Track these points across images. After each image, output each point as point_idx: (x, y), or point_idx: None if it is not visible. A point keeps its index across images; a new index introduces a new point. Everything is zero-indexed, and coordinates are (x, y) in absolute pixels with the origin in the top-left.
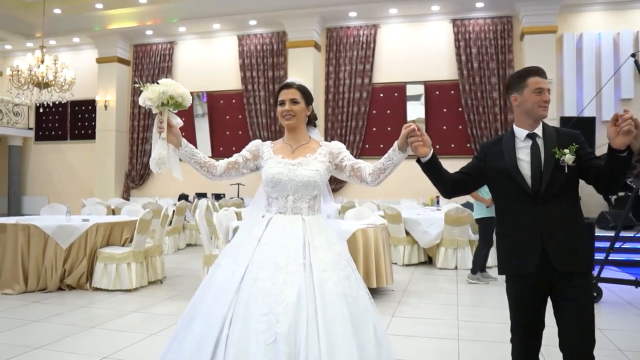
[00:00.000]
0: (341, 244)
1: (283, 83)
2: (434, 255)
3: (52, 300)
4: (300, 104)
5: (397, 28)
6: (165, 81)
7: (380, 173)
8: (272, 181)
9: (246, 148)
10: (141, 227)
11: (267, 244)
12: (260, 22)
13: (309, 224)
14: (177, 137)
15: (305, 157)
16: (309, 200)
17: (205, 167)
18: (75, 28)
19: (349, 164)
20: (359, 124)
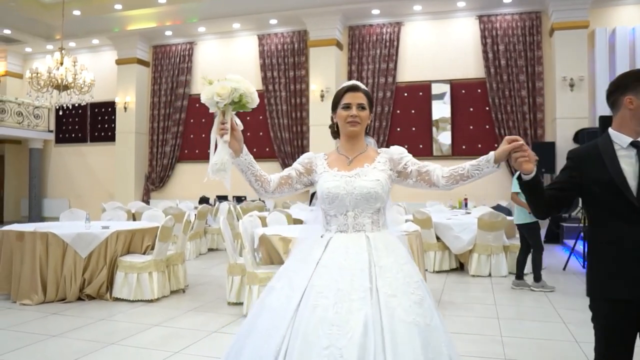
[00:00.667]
0: (412, 263)
1: (348, 85)
2: (466, 261)
3: (71, 312)
4: (366, 111)
5: (421, 25)
6: (236, 77)
7: (460, 179)
8: (328, 197)
9: (298, 161)
10: (163, 234)
11: (327, 267)
12: (281, 21)
13: (374, 242)
14: (240, 142)
15: (363, 167)
16: (371, 215)
17: (260, 181)
18: (95, 29)
19: (414, 168)
20: (382, 124)
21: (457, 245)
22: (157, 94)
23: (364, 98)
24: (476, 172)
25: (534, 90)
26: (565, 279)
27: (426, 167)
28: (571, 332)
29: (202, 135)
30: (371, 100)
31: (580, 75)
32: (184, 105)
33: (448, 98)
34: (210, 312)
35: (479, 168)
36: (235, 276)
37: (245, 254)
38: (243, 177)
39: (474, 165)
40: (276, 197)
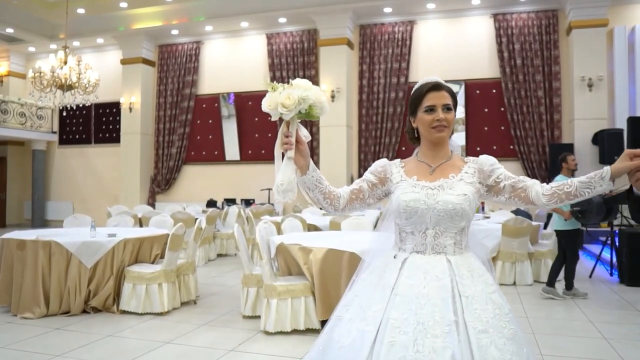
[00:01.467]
0: (499, 292)
1: (429, 83)
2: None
3: (75, 327)
4: (452, 112)
5: (434, 24)
6: (304, 84)
7: (565, 198)
8: (405, 211)
9: (370, 170)
10: (173, 243)
11: (403, 296)
12: (290, 20)
13: (457, 267)
14: (306, 157)
15: (448, 178)
16: (454, 235)
17: (329, 199)
18: (100, 28)
19: (507, 183)
20: (394, 125)
21: (480, 253)
22: (163, 95)
23: (449, 97)
24: (586, 190)
25: (550, 91)
26: (594, 287)
27: (522, 183)
28: (616, 351)
29: (209, 136)
30: (455, 98)
31: (599, 75)
32: (190, 105)
33: (462, 98)
34: (225, 326)
35: (590, 186)
36: (251, 287)
37: (262, 265)
38: (308, 195)
39: (584, 183)
40: (346, 213)
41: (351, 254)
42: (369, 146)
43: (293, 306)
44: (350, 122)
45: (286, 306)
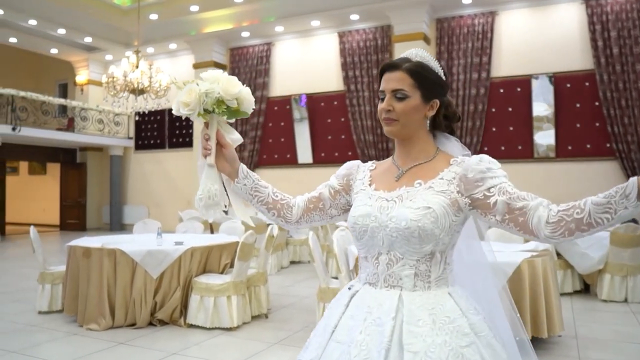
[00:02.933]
0: (489, 345)
1: (384, 62)
2: (594, 283)
3: (141, 342)
4: (410, 100)
5: (518, 14)
6: (211, 75)
7: (577, 229)
8: (354, 229)
9: (336, 173)
10: (243, 252)
11: (340, 342)
12: (363, 16)
13: (411, 309)
14: (232, 162)
15: (413, 186)
16: (416, 264)
17: (274, 210)
18: (172, 34)
19: (501, 199)
20: (475, 124)
21: (584, 264)
22: None
23: (405, 79)
24: (605, 216)
25: None
26: None
27: (523, 202)
28: None
29: (281, 139)
30: (425, 78)
31: None
32: (262, 108)
33: (551, 93)
34: (299, 345)
35: (609, 209)
36: (327, 302)
37: (341, 279)
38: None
39: (601, 206)
40: (304, 227)
41: None
42: None
43: None
44: None
45: None
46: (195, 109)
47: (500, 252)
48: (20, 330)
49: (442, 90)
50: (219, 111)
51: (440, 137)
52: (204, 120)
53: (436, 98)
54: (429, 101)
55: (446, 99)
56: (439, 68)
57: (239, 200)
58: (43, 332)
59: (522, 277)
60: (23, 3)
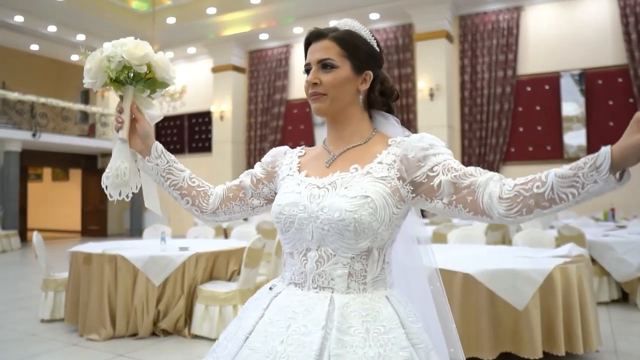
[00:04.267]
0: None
1: (308, 32)
2: (634, 291)
3: (141, 354)
4: (339, 70)
5: (545, 9)
6: (118, 41)
7: (536, 205)
8: (279, 220)
9: (261, 160)
10: (250, 258)
11: (254, 350)
12: (384, 15)
13: (344, 315)
14: (145, 139)
15: (349, 171)
16: (350, 262)
17: (189, 197)
18: (190, 37)
19: (446, 179)
20: (502, 124)
21: (623, 271)
22: (254, 101)
23: (331, 48)
24: (570, 190)
25: None
26: None
27: (469, 179)
28: None
29: (301, 142)
30: (355, 46)
31: None
32: (281, 111)
33: (581, 91)
34: None
35: (575, 182)
36: None
37: None
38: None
39: (567, 179)
40: (222, 220)
41: (465, 276)
42: (473, 148)
43: None
44: (452, 122)
45: None
46: (97, 76)
47: (529, 257)
48: (18, 340)
49: (376, 62)
50: (132, 80)
51: (377, 116)
52: (118, 92)
53: (369, 70)
54: (360, 73)
55: (381, 72)
56: (371, 38)
57: (152, 184)
58: (42, 342)
59: (554, 286)
60: (42, 9)
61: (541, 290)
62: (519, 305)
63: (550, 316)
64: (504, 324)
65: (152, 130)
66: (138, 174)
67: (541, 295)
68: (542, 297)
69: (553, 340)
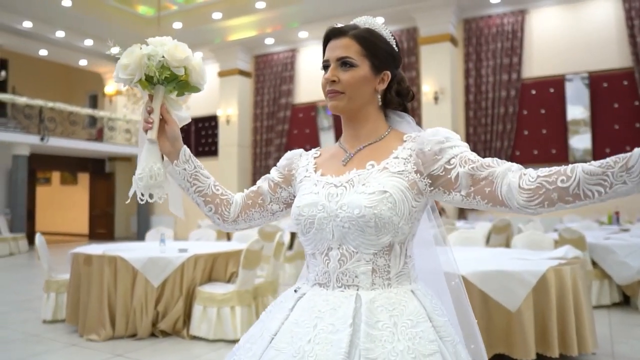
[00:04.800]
0: (450, 353)
1: (328, 29)
2: (635, 294)
3: (139, 354)
4: (358, 69)
5: (549, 12)
6: (158, 39)
7: (559, 199)
8: (299, 222)
9: (277, 165)
10: (248, 260)
11: (280, 351)
12: (388, 19)
13: (371, 310)
14: (174, 141)
15: (365, 168)
16: (373, 258)
17: (212, 205)
18: (197, 42)
19: (463, 171)
20: (506, 127)
21: (623, 274)
22: (260, 105)
23: (352, 46)
24: (596, 188)
25: None
26: None
27: (489, 169)
28: None
29: (307, 147)
30: (375, 46)
31: None
32: (286, 115)
33: (586, 94)
34: None
35: (603, 181)
36: None
37: None
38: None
39: (595, 176)
40: (243, 228)
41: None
42: (477, 151)
43: None
44: (457, 126)
45: None
46: (134, 72)
47: (525, 260)
48: (20, 340)
49: (395, 61)
50: (164, 81)
51: (392, 115)
52: (148, 92)
53: (387, 70)
54: (379, 72)
55: (399, 72)
56: (390, 37)
57: (177, 188)
58: (42, 343)
59: (548, 287)
60: (51, 15)
61: (534, 292)
62: (512, 307)
63: (544, 318)
64: (497, 326)
65: (179, 133)
66: (167, 176)
67: (534, 297)
68: (535, 298)
69: (547, 342)
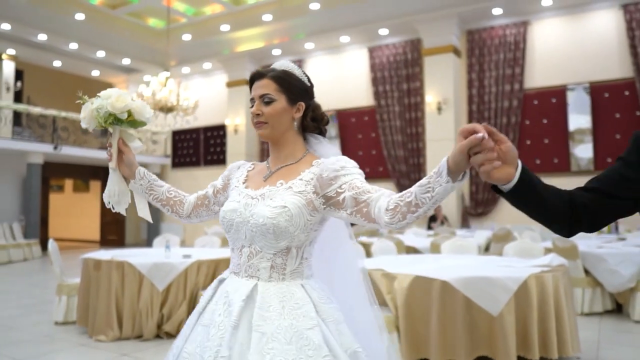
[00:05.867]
0: (327, 328)
1: (252, 72)
2: (627, 302)
3: (144, 354)
4: (277, 103)
5: (551, 22)
6: (105, 93)
7: (408, 211)
8: (223, 222)
9: (222, 174)
10: None
11: (204, 325)
12: (392, 31)
13: (264, 296)
14: (130, 165)
15: (276, 185)
16: (272, 257)
17: (169, 205)
18: (206, 53)
19: (349, 195)
20: (509, 137)
21: (614, 282)
22: None
23: (271, 85)
24: (426, 195)
25: None
26: None
27: (367, 195)
28: None
29: None
30: (291, 84)
31: None
32: None
33: (588, 104)
34: None
35: (429, 189)
36: None
37: None
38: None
39: (423, 187)
40: (196, 222)
41: (443, 283)
42: None
43: None
44: None
45: None
46: (90, 122)
47: (510, 267)
48: (32, 340)
49: (307, 94)
50: (118, 122)
51: (310, 138)
52: (110, 130)
53: (301, 101)
54: (294, 104)
55: (313, 102)
56: (303, 75)
57: (142, 198)
58: (53, 343)
59: (528, 294)
60: (65, 28)
61: (516, 297)
62: (494, 311)
63: (525, 322)
64: (480, 329)
65: (135, 159)
66: (128, 193)
67: (516, 302)
68: (517, 303)
69: (527, 345)
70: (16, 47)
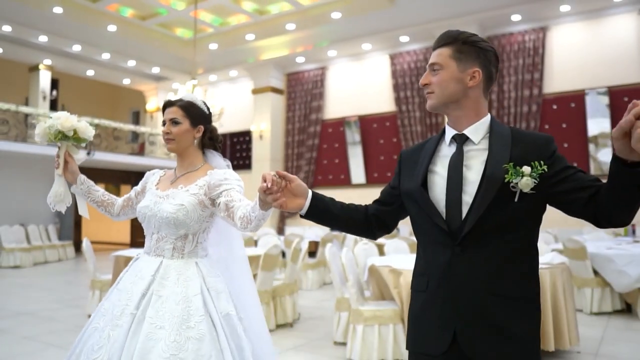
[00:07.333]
0: (209, 296)
1: (165, 101)
2: (635, 302)
3: None
4: (182, 125)
5: (570, 28)
6: (56, 114)
7: (248, 222)
8: (139, 216)
9: (142, 179)
10: (266, 263)
11: (119, 290)
12: (413, 38)
13: (166, 269)
14: (73, 173)
15: (177, 188)
16: (174, 241)
17: (103, 206)
18: (232, 62)
19: (223, 200)
20: None
21: (622, 282)
22: (291, 121)
23: (178, 112)
24: (253, 215)
25: None
26: None
27: (234, 204)
28: None
29: (336, 160)
30: (192, 112)
31: None
32: (317, 130)
33: (606, 108)
34: (313, 352)
35: (254, 211)
36: (343, 312)
37: (349, 287)
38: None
39: (252, 208)
40: (123, 219)
41: None
42: None
43: (381, 334)
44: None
45: (373, 333)
46: (43, 138)
47: None
48: (67, 330)
49: (206, 119)
50: (65, 138)
51: (208, 153)
52: (59, 144)
53: (201, 124)
54: (195, 126)
55: (210, 126)
56: (203, 105)
57: (82, 200)
58: None
59: None
60: (97, 39)
61: None
62: None
63: None
64: None
65: (77, 168)
66: (70, 195)
67: None
68: None
69: None
70: (52, 57)
